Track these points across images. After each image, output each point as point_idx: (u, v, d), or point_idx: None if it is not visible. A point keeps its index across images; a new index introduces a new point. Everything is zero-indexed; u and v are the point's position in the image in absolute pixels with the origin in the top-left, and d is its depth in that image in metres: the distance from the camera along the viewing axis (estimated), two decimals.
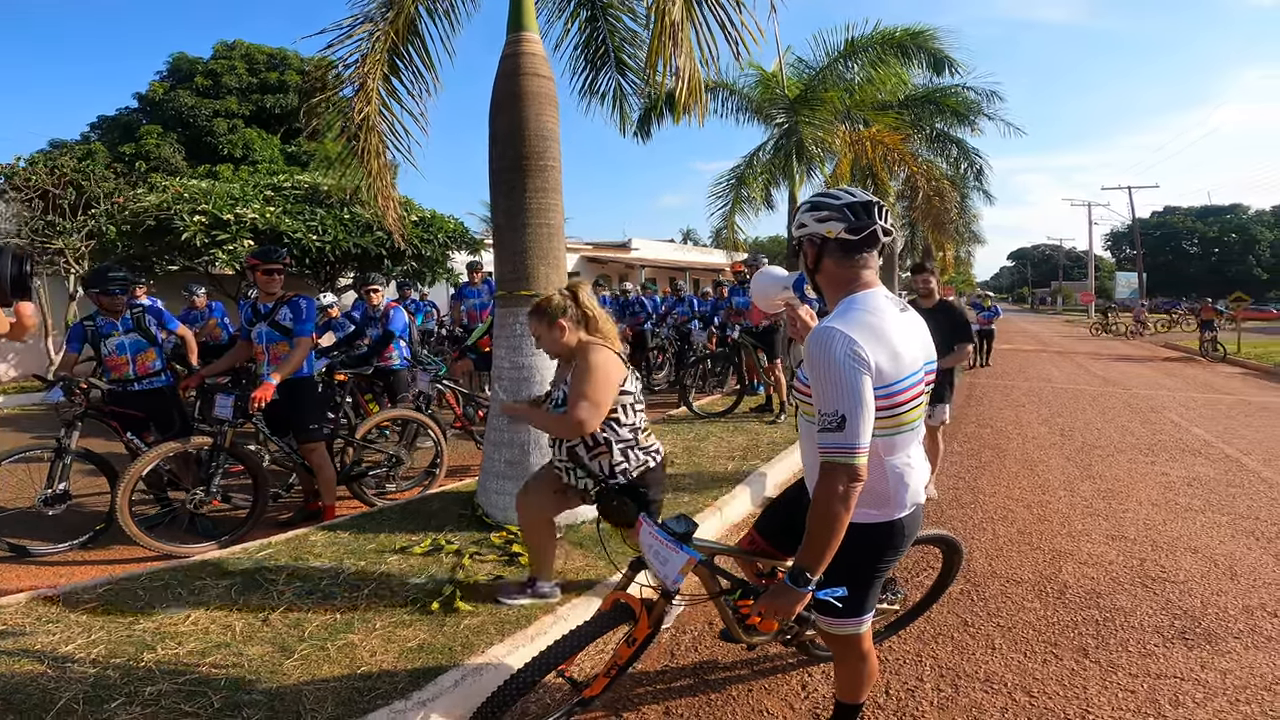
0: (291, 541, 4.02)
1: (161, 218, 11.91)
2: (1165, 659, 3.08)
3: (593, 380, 2.80)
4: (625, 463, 2.94)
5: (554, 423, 2.93)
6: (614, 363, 2.92)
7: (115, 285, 4.57)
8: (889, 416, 1.83)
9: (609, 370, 2.87)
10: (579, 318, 3.00)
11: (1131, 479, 5.98)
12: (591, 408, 2.76)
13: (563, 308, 2.98)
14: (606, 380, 2.83)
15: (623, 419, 2.93)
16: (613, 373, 2.88)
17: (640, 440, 3.00)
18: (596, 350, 2.90)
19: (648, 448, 3.03)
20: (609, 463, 2.92)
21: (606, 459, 2.93)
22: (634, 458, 2.96)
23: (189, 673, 2.64)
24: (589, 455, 2.95)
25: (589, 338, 2.99)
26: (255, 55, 26.95)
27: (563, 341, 2.97)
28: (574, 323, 2.98)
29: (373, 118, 4.97)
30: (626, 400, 2.94)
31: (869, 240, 1.89)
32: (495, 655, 2.79)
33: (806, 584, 1.77)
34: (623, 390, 2.92)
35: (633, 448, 2.96)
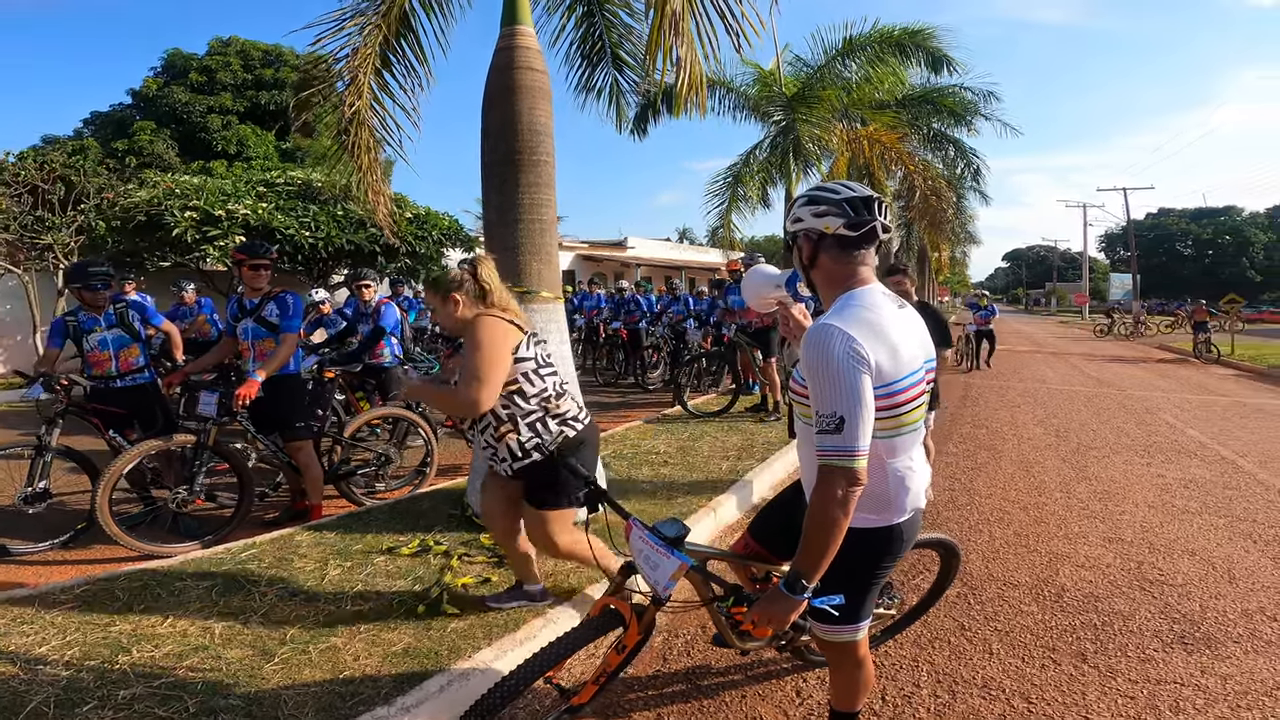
0: (276, 542, 3.95)
1: (152, 213, 11.82)
2: (1165, 664, 3.03)
3: (480, 354, 2.65)
4: (537, 438, 2.77)
5: (448, 400, 2.78)
6: (502, 331, 2.73)
7: (97, 280, 4.48)
8: (889, 417, 1.76)
9: (496, 340, 2.69)
10: (476, 291, 2.85)
11: (1127, 481, 5.94)
12: (482, 384, 2.61)
13: (457, 281, 2.85)
14: (495, 352, 2.67)
15: (527, 389, 2.77)
16: (501, 342, 2.70)
17: (553, 409, 2.81)
18: (483, 322, 2.73)
19: (563, 415, 2.84)
20: (518, 441, 2.77)
21: (515, 437, 2.77)
22: (547, 431, 2.78)
23: (165, 676, 2.57)
24: (496, 435, 2.79)
25: (484, 311, 2.83)
26: (250, 51, 26.87)
27: (457, 316, 2.82)
28: (470, 297, 2.84)
29: (363, 112, 4.89)
30: (526, 367, 2.77)
31: (868, 236, 1.82)
32: (482, 660, 2.72)
33: (802, 591, 1.70)
34: (518, 358, 2.74)
35: (544, 420, 2.78)
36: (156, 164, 22.28)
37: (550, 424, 2.80)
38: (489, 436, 2.83)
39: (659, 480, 5.22)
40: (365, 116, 4.93)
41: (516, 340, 2.76)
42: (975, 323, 14.86)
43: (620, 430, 7.15)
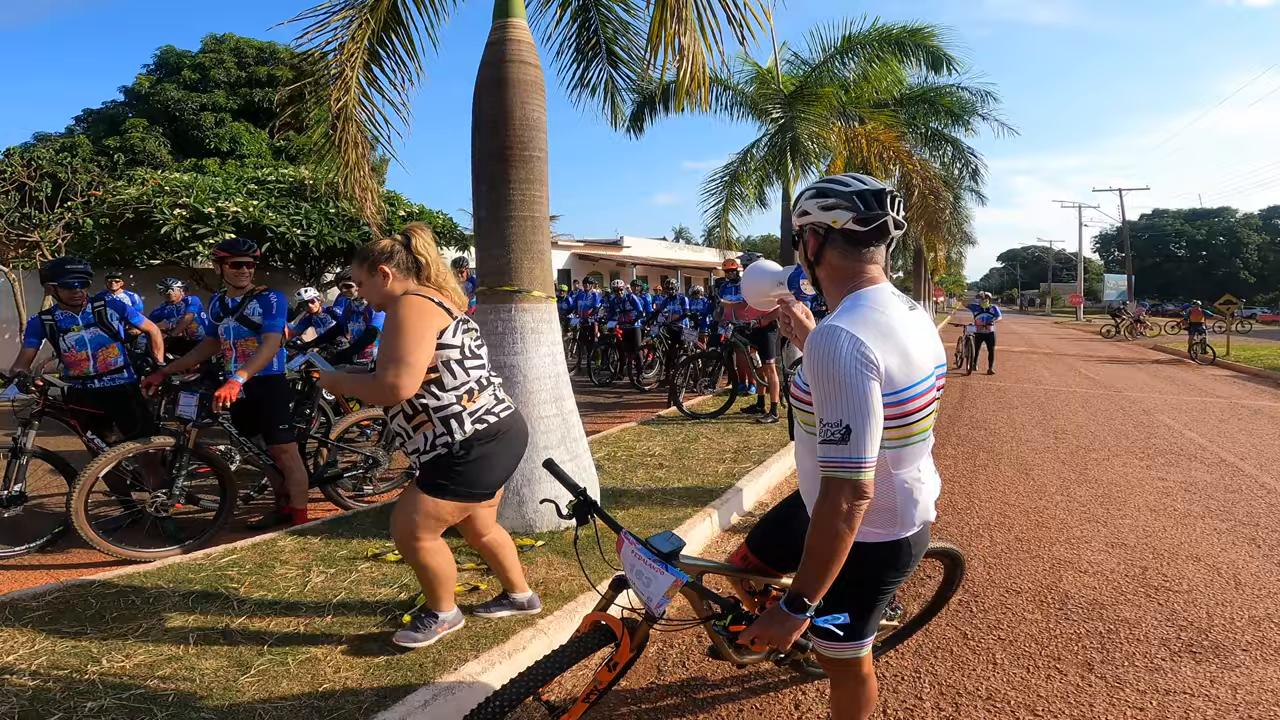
0: (258, 547, 3.83)
1: (141, 211, 11.67)
2: (1173, 674, 2.94)
3: (401, 336, 2.41)
4: (448, 435, 2.54)
5: (366, 389, 2.52)
6: (427, 312, 2.49)
7: (74, 278, 4.36)
8: (898, 426, 1.65)
9: (418, 321, 2.45)
10: (408, 265, 2.62)
11: (1128, 484, 5.86)
12: (401, 368, 2.38)
13: (387, 252, 2.61)
14: (417, 334, 2.43)
15: (446, 381, 2.54)
16: (425, 324, 2.46)
17: (469, 405, 2.57)
18: (406, 301, 2.49)
19: (478, 411, 2.60)
20: (431, 434, 2.55)
21: (429, 429, 2.55)
22: (461, 429, 2.55)
23: (135, 687, 2.46)
24: (411, 425, 2.57)
25: (417, 289, 2.60)
26: (245, 49, 26.70)
27: (384, 291, 2.59)
28: (401, 270, 2.61)
29: (350, 107, 4.77)
30: (450, 356, 2.53)
31: (879, 232, 1.70)
32: (469, 673, 2.61)
33: (804, 610, 1.58)
34: (442, 344, 2.51)
35: (460, 418, 2.55)
36: (148, 162, 22.10)
37: (465, 421, 2.57)
38: (400, 422, 2.60)
39: (653, 483, 5.12)
40: (352, 112, 4.81)
41: (443, 325, 2.53)
42: (975, 325, 14.33)
43: (615, 432, 7.04)
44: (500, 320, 4.15)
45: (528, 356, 4.14)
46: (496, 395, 2.73)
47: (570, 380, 4.52)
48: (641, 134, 12.10)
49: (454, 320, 2.59)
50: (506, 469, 2.76)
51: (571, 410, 4.40)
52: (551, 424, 4.20)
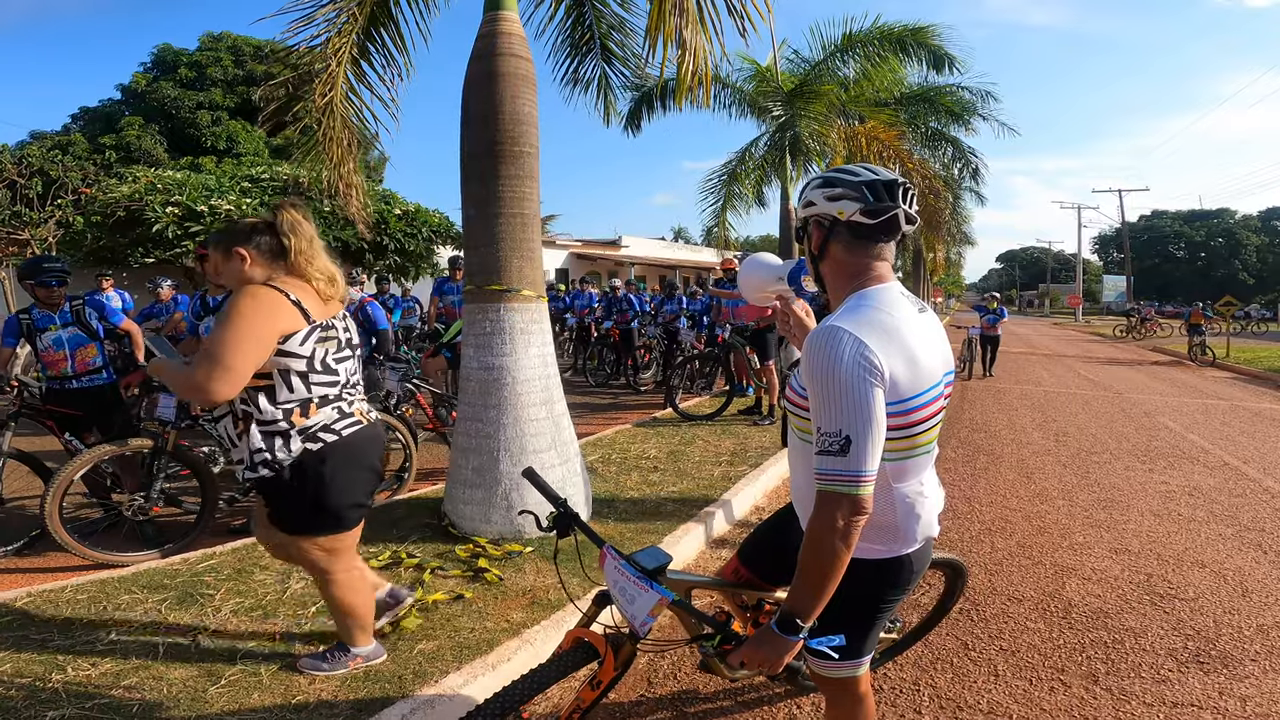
0: (238, 552, 3.72)
1: (133, 209, 11.56)
2: (1181, 685, 2.84)
3: (227, 332, 2.06)
4: (268, 452, 2.20)
5: (176, 382, 2.16)
6: (270, 310, 2.13)
7: (51, 276, 4.25)
8: (903, 438, 1.53)
9: (254, 319, 2.09)
10: (273, 249, 2.25)
11: (1130, 487, 5.76)
12: (217, 369, 2.02)
13: (246, 232, 2.25)
14: (248, 334, 2.07)
15: (279, 393, 2.19)
16: (263, 322, 2.11)
17: (300, 423, 2.21)
18: (250, 293, 2.13)
19: (311, 429, 2.24)
20: (248, 446, 2.21)
21: (248, 440, 2.22)
22: (285, 449, 2.20)
23: (99, 696, 2.37)
24: (235, 432, 2.22)
25: (280, 280, 2.24)
26: (242, 47, 26.57)
27: (242, 277, 2.23)
28: (264, 255, 2.25)
29: (336, 103, 4.66)
30: (290, 365, 2.17)
31: (888, 226, 1.58)
32: (450, 685, 2.51)
33: (796, 632, 1.48)
34: (285, 350, 2.16)
35: (285, 435, 2.20)
36: (144, 160, 21.98)
37: (292, 440, 2.22)
38: (226, 426, 2.25)
39: (647, 487, 5.01)
40: (338, 108, 4.70)
41: (291, 328, 2.16)
42: (981, 327, 13.65)
43: (609, 434, 6.94)
44: (489, 320, 4.05)
45: (516, 358, 4.04)
46: (343, 410, 2.35)
47: (566, 380, 4.42)
48: (639, 132, 12.01)
49: (309, 325, 2.21)
50: (364, 486, 2.44)
51: (563, 413, 4.30)
52: (542, 427, 4.09)
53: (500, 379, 4.02)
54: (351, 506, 2.40)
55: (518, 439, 4.00)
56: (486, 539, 3.84)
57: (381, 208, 13.55)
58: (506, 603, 3.17)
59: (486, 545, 3.74)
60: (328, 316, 2.29)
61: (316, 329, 2.23)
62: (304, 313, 2.20)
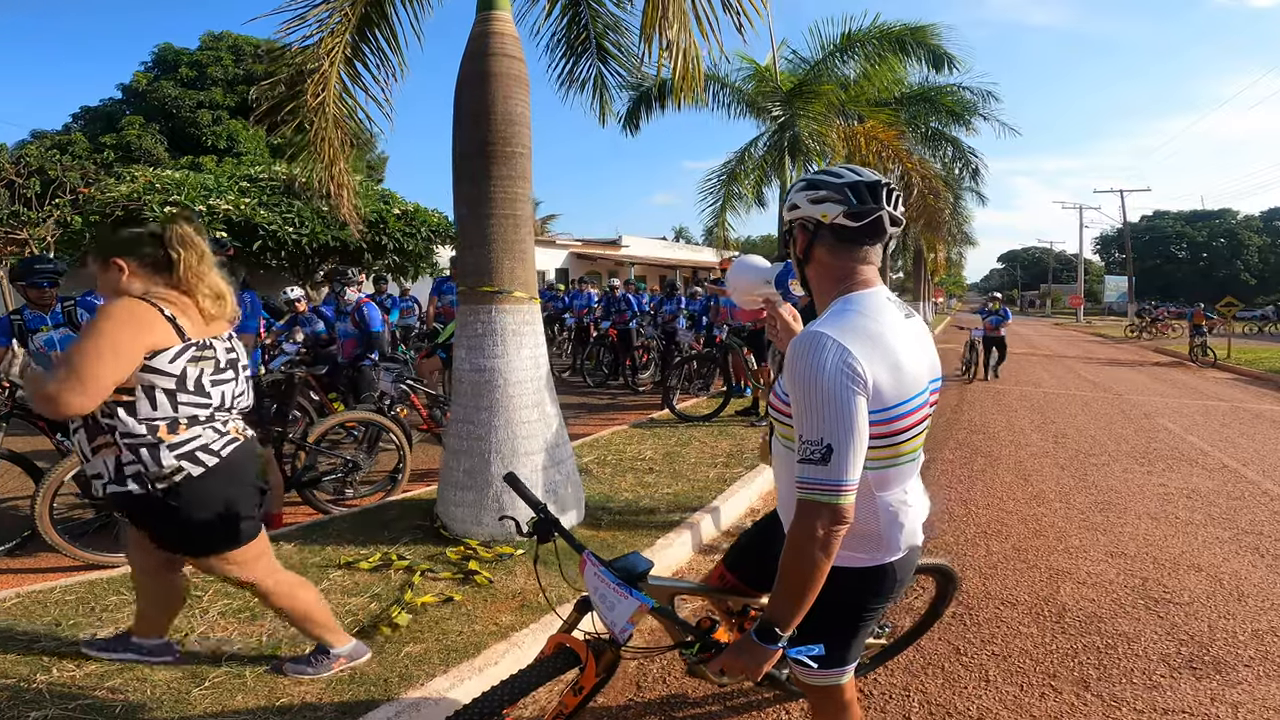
0: None
1: (131, 208, 11.56)
2: (1173, 691, 2.83)
3: (89, 343, 1.97)
4: (139, 464, 2.10)
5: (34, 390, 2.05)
6: (138, 324, 2.05)
7: (43, 278, 4.25)
8: (886, 446, 1.51)
9: (119, 333, 2.00)
10: (156, 261, 2.17)
11: (1128, 490, 5.74)
12: (73, 381, 1.93)
13: (128, 241, 2.16)
14: (110, 347, 1.98)
15: (141, 408, 2.09)
16: (125, 338, 2.01)
17: (170, 438, 2.13)
18: (120, 306, 2.05)
19: (188, 447, 2.15)
20: (115, 461, 2.11)
21: (111, 454, 2.11)
22: (156, 462, 2.11)
23: (82, 698, 2.36)
24: (91, 445, 2.13)
25: (157, 293, 2.15)
26: (243, 46, 26.54)
27: (118, 288, 2.14)
28: (144, 267, 2.16)
29: (329, 103, 4.64)
30: (156, 382, 2.08)
31: (872, 229, 1.56)
32: (436, 689, 2.49)
33: (775, 641, 1.46)
34: (153, 367, 2.07)
35: (155, 449, 2.10)
36: (145, 159, 21.99)
37: (163, 454, 2.12)
38: (81, 440, 2.16)
39: (641, 489, 5.00)
40: (330, 108, 4.68)
41: (161, 344, 2.08)
42: (983, 328, 13.06)
43: (605, 434, 6.92)
44: (480, 322, 4.03)
45: (508, 360, 4.02)
46: (219, 429, 2.26)
47: (564, 381, 4.41)
48: (637, 132, 11.99)
49: (183, 342, 2.13)
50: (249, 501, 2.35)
51: (555, 414, 4.28)
52: (534, 429, 4.08)
53: (492, 380, 4.01)
54: (244, 520, 2.32)
55: (509, 441, 3.99)
56: (478, 541, 3.82)
57: (380, 207, 13.55)
58: (496, 605, 3.16)
59: (478, 547, 3.73)
60: (207, 336, 2.22)
61: (190, 348, 2.14)
62: (178, 330, 2.13)
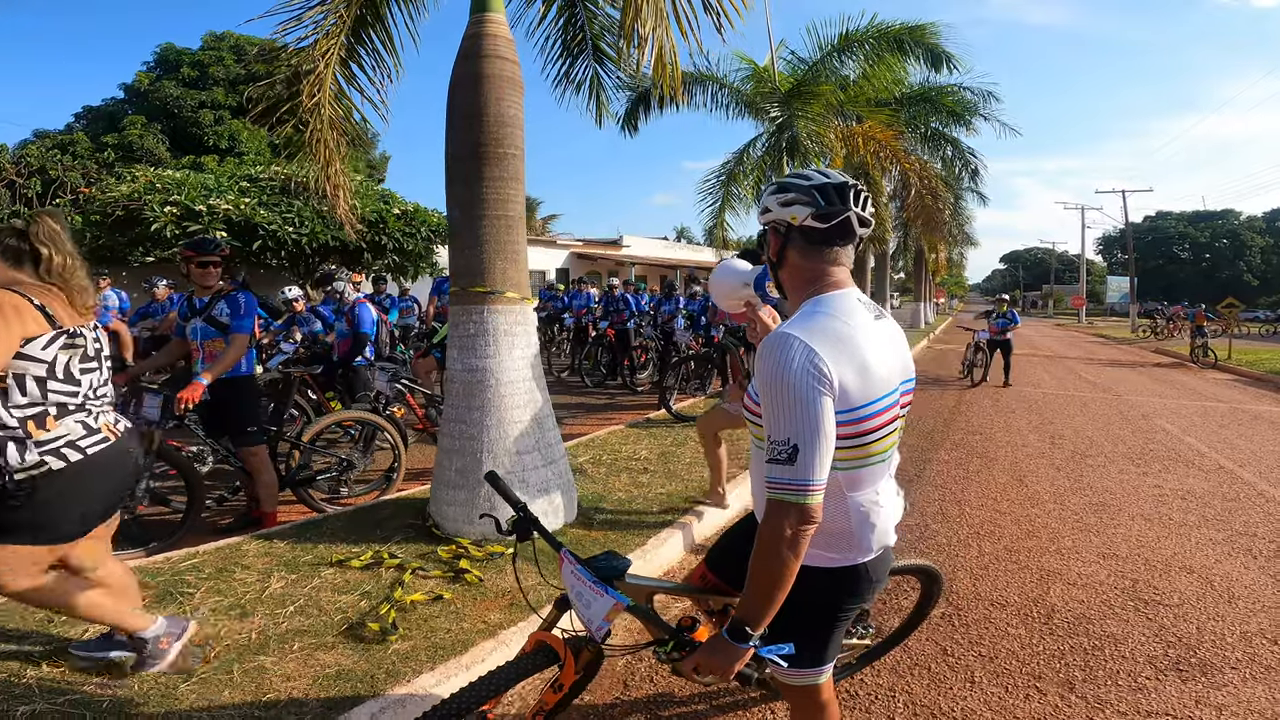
0: (221, 551, 3.73)
1: (132, 208, 11.60)
2: (1157, 693, 2.83)
3: None
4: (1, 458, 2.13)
5: None
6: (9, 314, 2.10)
7: None
8: (854, 447, 1.53)
9: None
10: (18, 255, 2.25)
11: (1123, 491, 5.74)
12: None
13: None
14: None
15: (12, 395, 2.14)
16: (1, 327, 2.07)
17: (39, 434, 2.16)
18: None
19: (53, 443, 2.18)
20: None
21: None
22: (19, 456, 2.13)
23: (71, 692, 2.38)
24: None
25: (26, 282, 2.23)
26: (245, 46, 26.54)
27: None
28: (6, 260, 2.25)
29: (324, 104, 4.66)
30: (28, 369, 2.15)
31: (840, 230, 1.58)
32: (422, 685, 2.51)
33: (746, 640, 1.47)
34: (25, 354, 2.14)
35: (21, 443, 2.13)
36: (147, 159, 22.05)
37: (28, 450, 2.15)
38: None
39: (635, 489, 5.01)
40: (325, 109, 4.70)
41: (33, 332, 2.15)
42: (988, 331, 12.50)
43: (602, 434, 6.93)
44: (472, 322, 4.05)
45: (500, 360, 4.04)
46: (89, 425, 2.29)
47: (563, 381, 4.43)
48: (636, 132, 11.98)
49: (54, 330, 2.20)
50: (99, 509, 2.34)
51: (548, 414, 4.30)
52: (526, 429, 4.09)
53: (484, 380, 4.02)
54: (85, 522, 2.31)
55: (501, 440, 4.01)
56: (469, 540, 3.84)
57: (380, 207, 13.58)
58: (485, 604, 3.18)
59: (469, 546, 3.75)
60: (77, 325, 2.29)
61: (62, 334, 2.22)
62: (49, 318, 2.20)
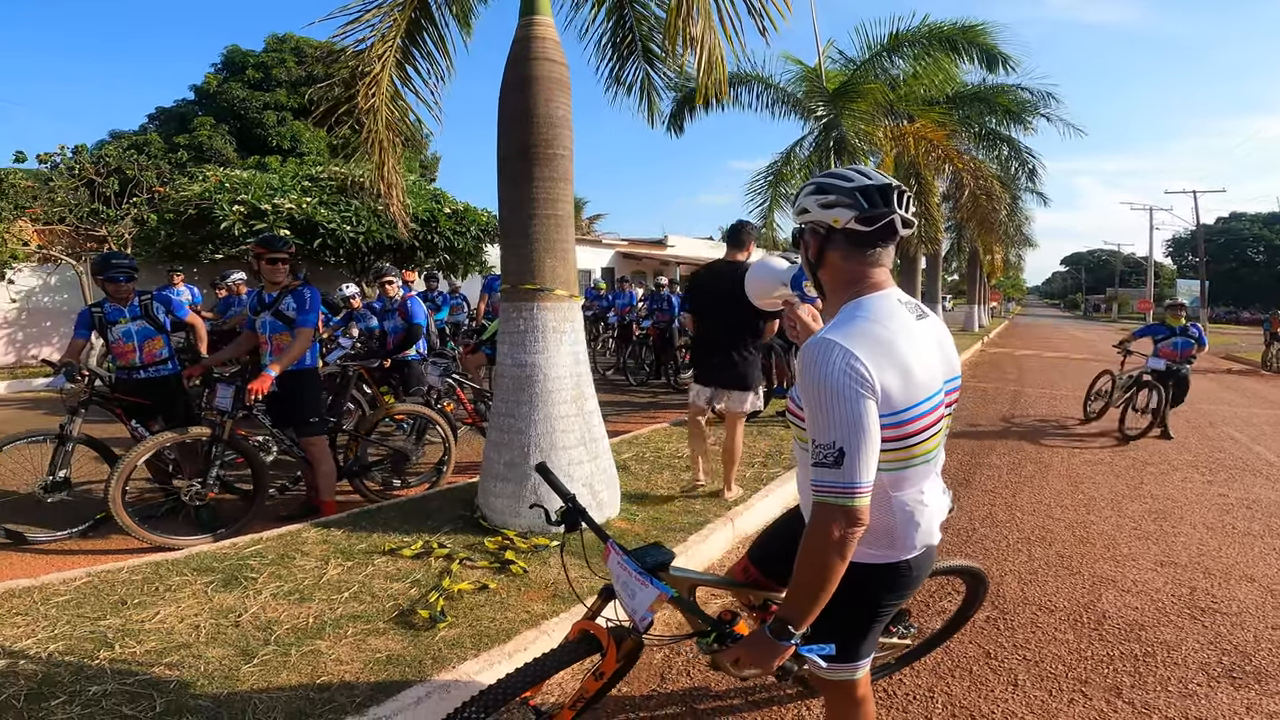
0: (283, 538, 3.90)
1: (203, 207, 12.10)
2: (1208, 700, 2.77)
3: None
4: None
5: None
6: None
7: (120, 272, 4.51)
8: (899, 449, 1.53)
9: None
10: None
11: (1185, 499, 5.55)
12: None
13: None
14: None
15: None
16: None
17: None
18: None
19: None
20: None
21: None
22: None
23: (141, 673, 2.52)
24: None
25: None
26: (304, 48, 27.32)
27: None
28: None
29: (380, 105, 4.83)
30: None
31: (884, 232, 1.57)
32: (466, 671, 2.60)
33: (789, 638, 1.49)
34: None
35: None
36: (215, 159, 22.92)
37: None
38: None
39: (678, 486, 5.05)
40: (382, 110, 4.86)
41: None
42: (1161, 355, 8.24)
43: (645, 432, 6.99)
44: (522, 319, 4.15)
45: (549, 355, 4.13)
46: None
47: (608, 379, 4.50)
48: (681, 133, 12.01)
49: None
50: None
51: (593, 410, 4.38)
52: (571, 424, 4.18)
53: (532, 376, 4.12)
54: None
55: (548, 435, 4.10)
56: (515, 532, 3.94)
57: (432, 206, 13.87)
58: (529, 594, 3.27)
59: (515, 538, 3.85)
60: None
61: None
62: None
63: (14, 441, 4.22)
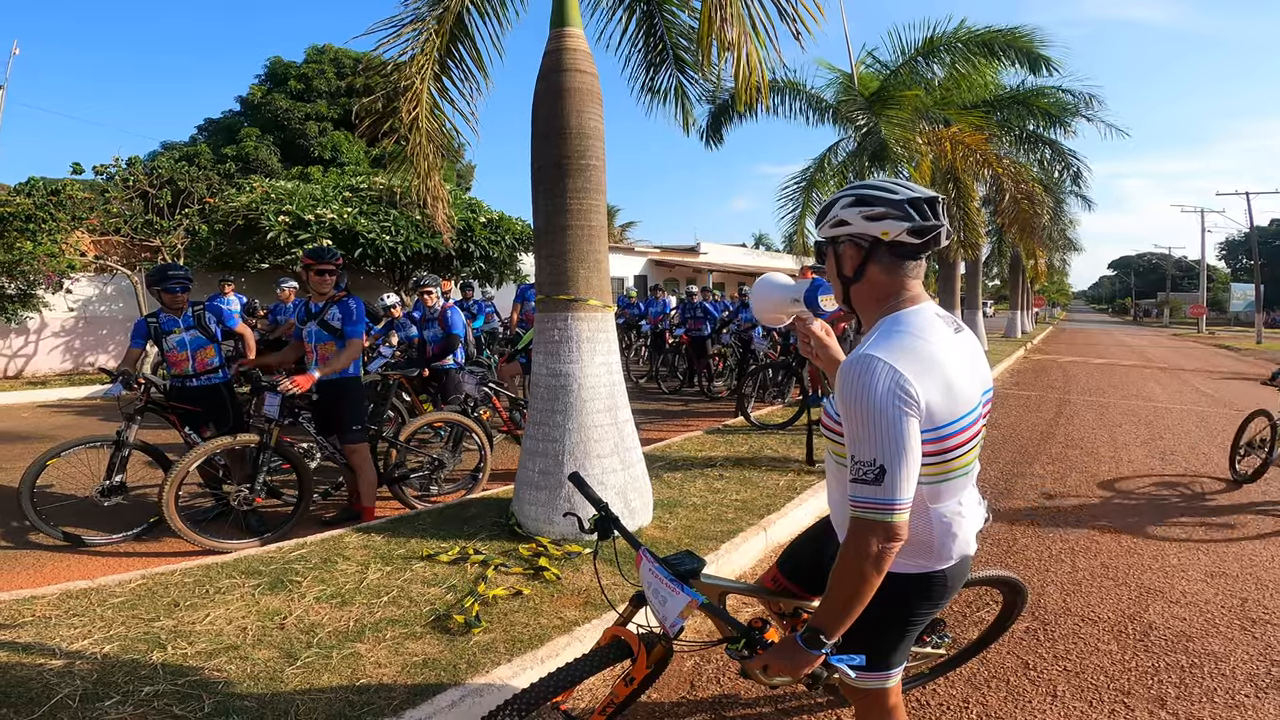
0: (326, 543, 4.02)
1: (250, 217, 12.47)
2: (1255, 710, 2.70)
3: None
4: None
5: None
6: None
7: (175, 283, 4.69)
8: (938, 463, 1.53)
9: None
10: None
11: (1238, 509, 5.38)
12: None
13: None
14: None
15: None
16: None
17: None
18: None
19: None
20: None
21: None
22: None
23: (191, 674, 2.62)
24: None
25: None
26: (343, 59, 27.87)
27: None
28: None
29: (421, 118, 4.95)
30: None
31: (931, 244, 1.57)
32: (500, 676, 2.65)
33: (820, 648, 1.50)
34: None
35: None
36: (261, 169, 23.56)
37: None
38: None
39: (710, 494, 5.06)
40: (423, 123, 4.99)
41: None
42: None
43: (678, 440, 7.01)
44: (557, 328, 4.21)
45: (583, 365, 4.18)
46: None
47: (641, 387, 4.54)
48: (721, 143, 11.97)
49: None
50: None
51: (627, 419, 4.41)
52: (605, 433, 4.22)
53: (567, 385, 4.17)
54: None
55: (582, 444, 4.14)
56: (549, 539, 3.99)
57: (468, 216, 14.09)
58: (561, 601, 3.31)
59: (548, 545, 3.90)
60: None
61: None
62: None
63: (73, 447, 4.41)
